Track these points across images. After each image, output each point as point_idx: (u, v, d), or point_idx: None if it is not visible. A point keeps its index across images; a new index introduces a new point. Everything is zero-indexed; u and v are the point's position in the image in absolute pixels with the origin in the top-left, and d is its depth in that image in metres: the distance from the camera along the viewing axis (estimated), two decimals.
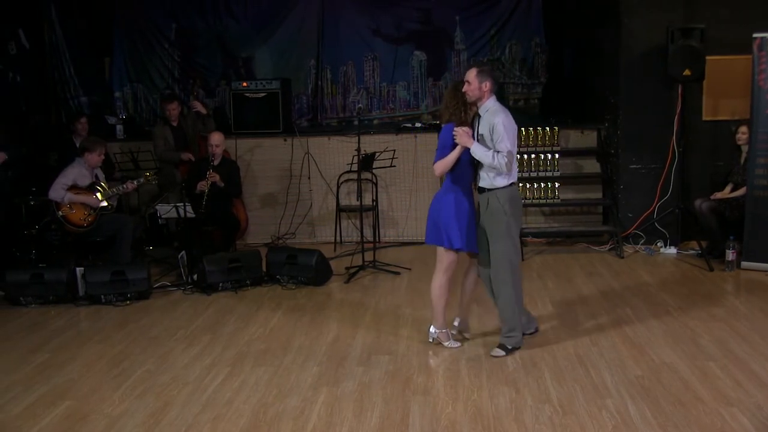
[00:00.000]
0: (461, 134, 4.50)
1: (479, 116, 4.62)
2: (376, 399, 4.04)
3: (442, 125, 4.68)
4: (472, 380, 4.24)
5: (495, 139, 4.48)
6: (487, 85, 4.53)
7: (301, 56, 9.57)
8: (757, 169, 6.52)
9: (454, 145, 4.55)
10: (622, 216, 7.54)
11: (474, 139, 4.55)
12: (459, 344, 4.79)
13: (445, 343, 4.78)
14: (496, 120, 4.47)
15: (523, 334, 4.78)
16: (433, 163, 4.67)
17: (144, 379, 4.44)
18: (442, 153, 4.61)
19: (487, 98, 4.57)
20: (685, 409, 3.79)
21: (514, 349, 4.66)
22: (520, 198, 4.73)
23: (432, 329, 4.81)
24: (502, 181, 4.57)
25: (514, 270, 4.62)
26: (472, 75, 4.53)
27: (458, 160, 4.57)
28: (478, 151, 4.49)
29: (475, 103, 4.58)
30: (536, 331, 4.96)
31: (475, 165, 4.63)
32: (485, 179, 4.60)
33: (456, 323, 4.92)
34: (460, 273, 4.86)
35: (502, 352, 4.62)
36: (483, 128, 4.56)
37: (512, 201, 4.61)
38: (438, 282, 4.71)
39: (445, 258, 4.67)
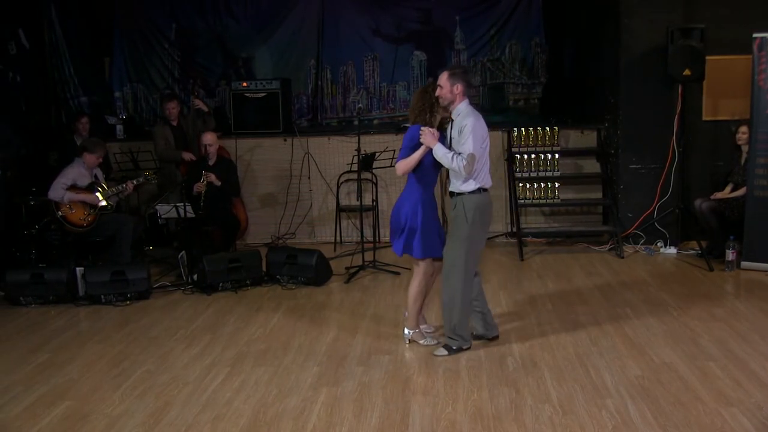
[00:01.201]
0: (426, 133, 4.52)
1: (452, 120, 4.61)
2: (376, 399, 4.04)
3: (409, 126, 4.73)
4: (472, 380, 4.24)
5: (460, 141, 4.47)
6: (458, 88, 4.51)
7: (301, 56, 9.57)
8: (757, 169, 6.52)
9: (420, 146, 4.57)
10: (622, 216, 7.54)
11: (448, 142, 4.56)
12: (437, 341, 4.83)
13: (422, 342, 4.85)
14: (465, 122, 4.46)
15: (486, 339, 4.82)
16: (396, 162, 4.69)
17: (144, 379, 4.44)
18: (405, 153, 4.64)
19: (459, 101, 4.55)
20: (685, 409, 3.79)
21: (460, 350, 4.65)
22: (489, 205, 4.62)
23: (406, 330, 4.89)
24: (468, 186, 4.52)
25: (465, 276, 4.54)
26: (443, 78, 4.53)
27: (421, 162, 4.60)
28: (439, 152, 4.49)
29: (447, 108, 4.58)
30: (496, 337, 4.87)
31: (444, 169, 4.63)
32: (453, 183, 4.60)
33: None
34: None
35: (445, 352, 4.65)
36: (455, 131, 4.55)
37: (479, 209, 4.52)
38: (414, 287, 4.79)
39: (421, 264, 4.76)
